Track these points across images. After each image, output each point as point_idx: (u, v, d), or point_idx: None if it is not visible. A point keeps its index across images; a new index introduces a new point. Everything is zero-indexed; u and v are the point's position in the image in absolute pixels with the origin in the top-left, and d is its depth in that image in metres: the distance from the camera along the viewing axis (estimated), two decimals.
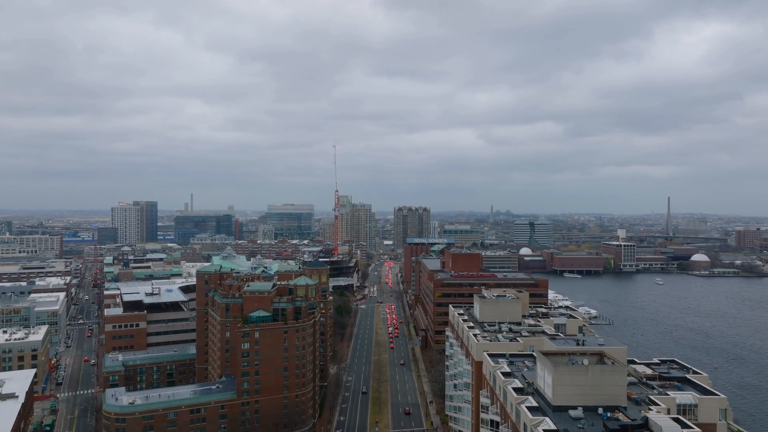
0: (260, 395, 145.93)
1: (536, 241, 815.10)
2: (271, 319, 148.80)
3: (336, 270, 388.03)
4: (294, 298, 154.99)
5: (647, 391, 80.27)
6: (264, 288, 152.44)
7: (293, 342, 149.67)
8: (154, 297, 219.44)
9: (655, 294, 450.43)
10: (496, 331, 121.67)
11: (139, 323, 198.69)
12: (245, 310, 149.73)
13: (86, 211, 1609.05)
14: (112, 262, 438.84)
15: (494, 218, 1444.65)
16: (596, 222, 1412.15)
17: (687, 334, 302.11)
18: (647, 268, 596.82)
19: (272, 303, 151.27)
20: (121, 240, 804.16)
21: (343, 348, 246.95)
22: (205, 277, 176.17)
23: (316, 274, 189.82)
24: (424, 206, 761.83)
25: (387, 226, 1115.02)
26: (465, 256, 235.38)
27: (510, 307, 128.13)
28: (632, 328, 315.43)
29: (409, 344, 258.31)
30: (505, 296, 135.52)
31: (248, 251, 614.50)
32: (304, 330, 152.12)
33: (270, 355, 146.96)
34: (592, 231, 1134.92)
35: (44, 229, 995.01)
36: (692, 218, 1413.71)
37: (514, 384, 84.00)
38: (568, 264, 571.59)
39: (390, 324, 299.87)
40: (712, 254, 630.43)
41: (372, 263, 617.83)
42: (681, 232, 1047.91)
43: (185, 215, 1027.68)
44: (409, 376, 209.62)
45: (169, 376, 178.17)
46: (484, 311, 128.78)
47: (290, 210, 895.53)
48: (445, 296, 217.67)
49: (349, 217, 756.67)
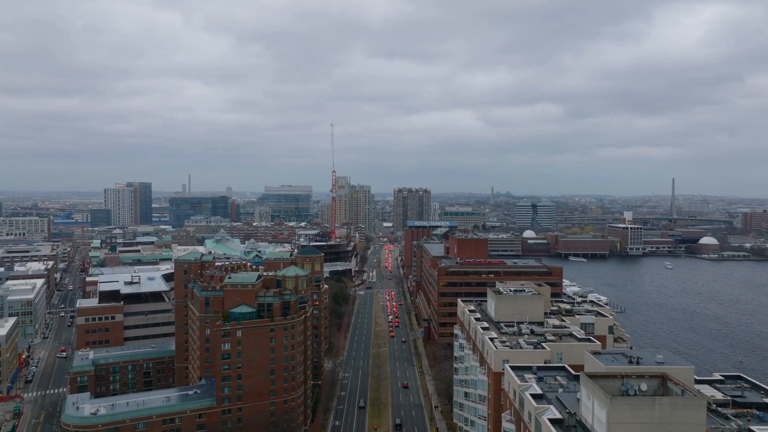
0: (243, 401, 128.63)
1: (539, 224, 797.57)
2: (255, 315, 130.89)
3: (333, 254, 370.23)
4: (282, 292, 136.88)
5: (723, 425, 62.80)
6: (247, 280, 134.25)
7: (281, 341, 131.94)
8: (133, 286, 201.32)
9: (665, 278, 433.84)
10: (515, 333, 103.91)
11: (114, 316, 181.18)
12: (226, 305, 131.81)
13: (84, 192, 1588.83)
14: (100, 246, 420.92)
15: (494, 200, 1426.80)
16: (597, 204, 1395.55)
17: (703, 322, 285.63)
18: (654, 251, 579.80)
19: (257, 297, 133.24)
20: (114, 222, 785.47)
21: (339, 339, 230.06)
22: (184, 266, 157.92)
23: (309, 263, 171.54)
24: (424, 188, 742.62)
25: (386, 208, 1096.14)
26: (471, 242, 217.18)
27: (530, 305, 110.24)
28: (645, 315, 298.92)
29: (411, 335, 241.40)
30: (524, 290, 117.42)
31: (243, 234, 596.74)
32: (294, 327, 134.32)
33: (254, 356, 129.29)
34: (594, 213, 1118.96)
35: (38, 211, 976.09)
36: (693, 200, 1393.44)
37: (550, 414, 66.30)
38: (573, 247, 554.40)
39: (390, 312, 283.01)
40: (720, 237, 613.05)
41: (371, 246, 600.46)
42: (684, 214, 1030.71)
43: (180, 197, 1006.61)
44: (411, 372, 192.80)
45: (146, 375, 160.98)
46: (501, 309, 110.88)
47: (288, 191, 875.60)
48: (450, 285, 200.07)
49: (347, 199, 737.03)
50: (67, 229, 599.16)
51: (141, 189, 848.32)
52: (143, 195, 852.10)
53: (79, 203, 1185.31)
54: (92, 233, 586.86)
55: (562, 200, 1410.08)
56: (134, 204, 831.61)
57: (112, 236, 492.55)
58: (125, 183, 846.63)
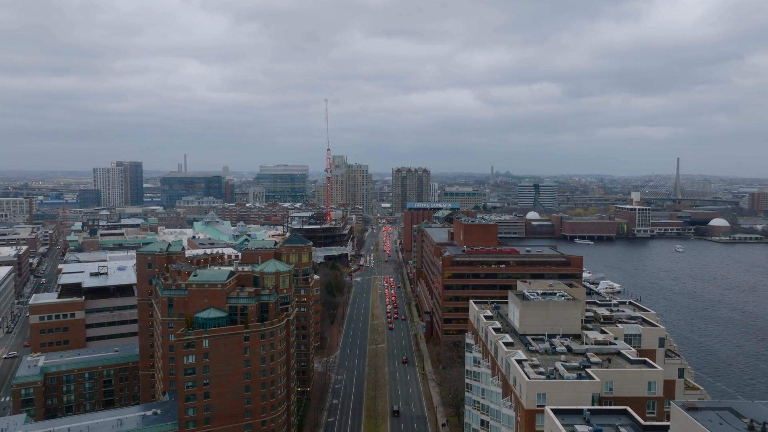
0: (213, 424, 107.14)
1: (541, 204, 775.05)
2: (226, 320, 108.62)
3: (328, 238, 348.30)
4: (259, 291, 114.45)
5: None
6: (216, 278, 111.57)
7: (258, 351, 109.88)
8: (100, 278, 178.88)
9: (677, 263, 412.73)
10: (547, 352, 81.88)
11: (75, 313, 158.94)
12: (190, 308, 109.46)
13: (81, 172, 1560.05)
14: (81, 229, 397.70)
15: (494, 180, 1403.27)
16: (598, 183, 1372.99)
17: (726, 313, 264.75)
18: (662, 233, 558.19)
19: (228, 298, 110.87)
20: (104, 203, 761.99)
21: (332, 335, 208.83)
22: (148, 259, 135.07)
23: (296, 253, 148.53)
24: (423, 167, 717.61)
25: (385, 188, 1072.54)
26: (479, 228, 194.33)
27: (565, 313, 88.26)
28: (662, 306, 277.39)
29: (411, 329, 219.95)
30: (554, 294, 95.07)
31: (236, 215, 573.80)
32: (274, 334, 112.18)
33: (225, 370, 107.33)
34: (596, 193, 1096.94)
35: (29, 191, 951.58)
36: (694, 180, 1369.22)
37: None
38: (579, 229, 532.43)
39: (389, 302, 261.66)
40: (730, 219, 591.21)
41: (369, 228, 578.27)
42: (687, 195, 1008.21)
43: (173, 177, 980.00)
44: (413, 375, 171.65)
45: (106, 385, 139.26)
46: (527, 318, 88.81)
47: (283, 171, 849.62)
48: (455, 277, 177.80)
49: (344, 179, 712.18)
50: (52, 211, 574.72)
51: (131, 168, 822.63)
52: (133, 175, 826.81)
53: (74, 183, 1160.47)
54: (79, 214, 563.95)
55: (561, 180, 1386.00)
56: (124, 184, 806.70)
57: (96, 218, 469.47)
58: (115, 162, 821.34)
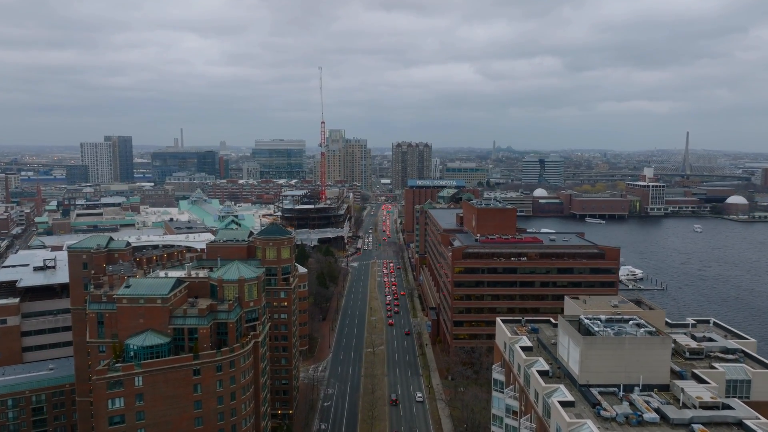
0: None
1: (546, 180, 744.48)
2: (167, 349, 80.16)
3: (322, 219, 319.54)
4: (215, 307, 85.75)
5: None
6: (156, 290, 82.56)
7: (212, 388, 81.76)
8: (45, 273, 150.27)
9: (696, 244, 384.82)
10: (630, 421, 53.34)
11: (6, 319, 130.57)
12: (121, 331, 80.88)
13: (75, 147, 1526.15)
14: (56, 208, 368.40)
15: (495, 155, 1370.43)
16: (601, 159, 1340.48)
17: (765, 303, 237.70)
18: (676, 211, 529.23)
19: (172, 317, 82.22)
20: (92, 179, 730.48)
21: (324, 334, 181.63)
22: (83, 258, 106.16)
23: (273, 248, 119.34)
24: (425, 142, 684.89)
25: (384, 163, 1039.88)
26: (495, 213, 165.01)
27: (648, 356, 59.41)
28: (690, 296, 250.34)
29: (415, 326, 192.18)
30: (626, 322, 65.53)
31: (227, 193, 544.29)
32: (235, 365, 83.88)
33: (167, 416, 79.36)
34: (601, 168, 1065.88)
35: (19, 166, 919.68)
36: (699, 155, 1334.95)
37: None
38: (590, 207, 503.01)
39: (388, 292, 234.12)
40: (747, 195, 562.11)
41: (367, 206, 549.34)
42: (696, 170, 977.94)
43: (165, 152, 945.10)
44: (417, 386, 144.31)
45: (36, 413, 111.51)
46: (593, 362, 60.22)
47: (279, 146, 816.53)
48: (468, 272, 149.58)
49: (341, 154, 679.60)
50: (32, 188, 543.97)
51: (120, 143, 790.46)
52: (123, 150, 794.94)
53: (67, 158, 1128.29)
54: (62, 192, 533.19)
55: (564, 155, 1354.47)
56: (113, 159, 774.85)
57: (75, 195, 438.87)
58: (103, 137, 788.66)
